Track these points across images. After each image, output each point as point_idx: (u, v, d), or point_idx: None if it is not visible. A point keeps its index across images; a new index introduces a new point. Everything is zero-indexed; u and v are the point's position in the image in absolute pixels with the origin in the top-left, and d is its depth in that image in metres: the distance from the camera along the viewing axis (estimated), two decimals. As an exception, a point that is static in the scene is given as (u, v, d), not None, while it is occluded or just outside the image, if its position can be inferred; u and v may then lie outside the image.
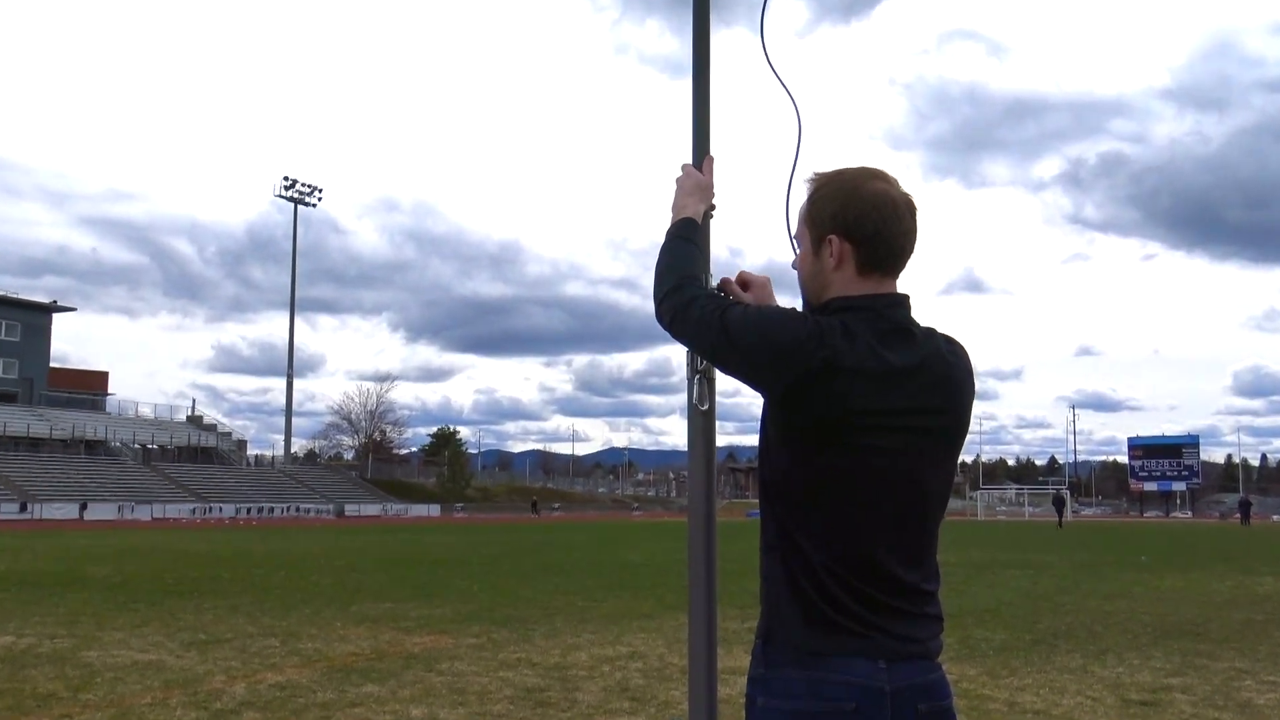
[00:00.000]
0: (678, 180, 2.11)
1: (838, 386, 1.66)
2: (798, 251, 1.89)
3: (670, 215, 2.06)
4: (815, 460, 1.68)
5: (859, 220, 1.76)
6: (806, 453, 1.69)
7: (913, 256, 1.82)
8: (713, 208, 2.12)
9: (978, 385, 1.88)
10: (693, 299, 1.83)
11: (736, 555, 21.86)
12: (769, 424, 1.75)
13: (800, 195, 1.88)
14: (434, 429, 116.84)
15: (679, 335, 1.86)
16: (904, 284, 1.83)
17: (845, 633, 1.66)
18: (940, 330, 1.84)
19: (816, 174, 1.85)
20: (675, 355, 2.06)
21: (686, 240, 1.99)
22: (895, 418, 1.69)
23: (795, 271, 1.94)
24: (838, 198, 1.78)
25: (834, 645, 1.66)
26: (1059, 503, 55.82)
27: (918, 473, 1.73)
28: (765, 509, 1.78)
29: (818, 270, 1.82)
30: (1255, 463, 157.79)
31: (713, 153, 2.17)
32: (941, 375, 1.77)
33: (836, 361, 1.66)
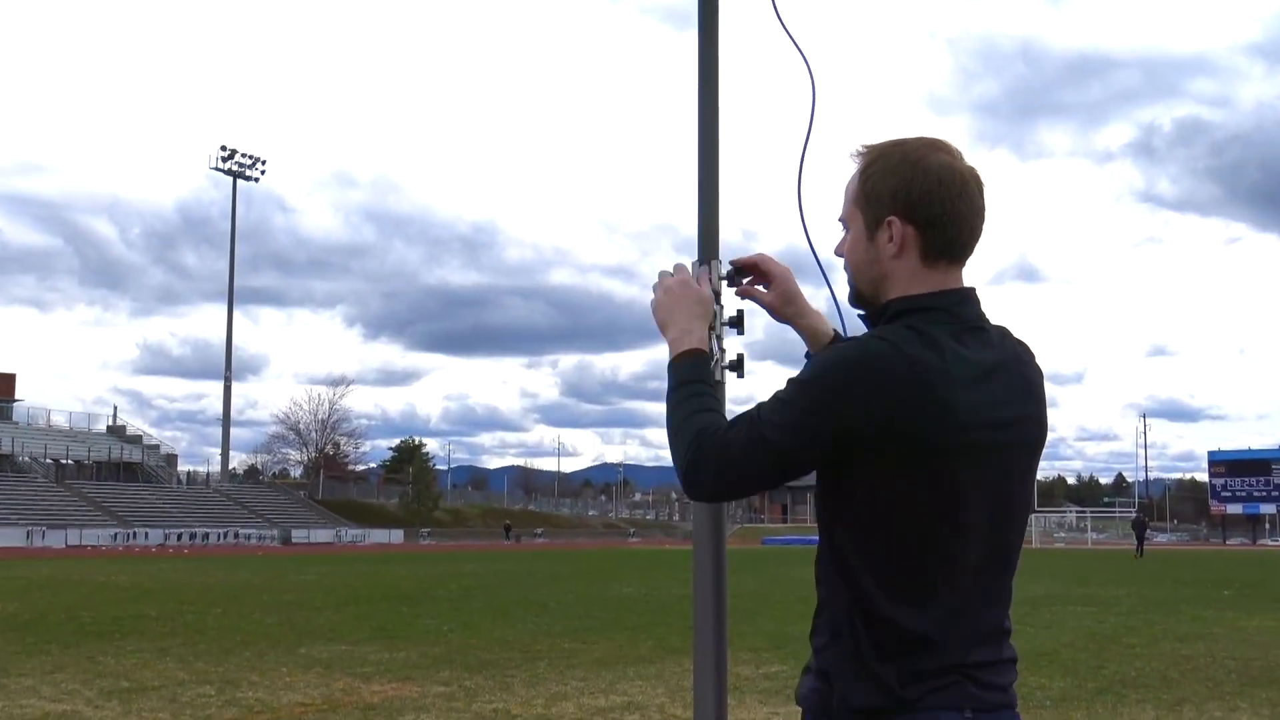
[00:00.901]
0: (667, 288, 1.98)
1: (929, 406, 1.65)
2: (845, 235, 1.88)
3: (666, 339, 1.93)
4: (902, 490, 1.68)
5: (924, 199, 1.75)
6: (892, 482, 1.68)
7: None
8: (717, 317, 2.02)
9: None
10: (725, 443, 1.72)
11: (750, 590, 21.87)
12: (839, 455, 1.72)
13: (845, 171, 1.88)
14: (396, 441, 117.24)
15: (736, 489, 1.75)
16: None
17: (927, 683, 1.67)
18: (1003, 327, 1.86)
19: (867, 147, 1.84)
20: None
21: (700, 387, 1.84)
22: (987, 432, 1.70)
23: (825, 260, 1.93)
24: (898, 173, 1.77)
25: (912, 697, 1.66)
26: (1140, 528, 56.12)
27: (1006, 492, 1.75)
28: (828, 547, 1.76)
29: (874, 258, 1.81)
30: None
31: (723, 131, 2.16)
32: (1024, 379, 1.80)
33: (927, 378, 1.65)
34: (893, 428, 1.64)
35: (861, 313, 1.89)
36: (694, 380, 1.84)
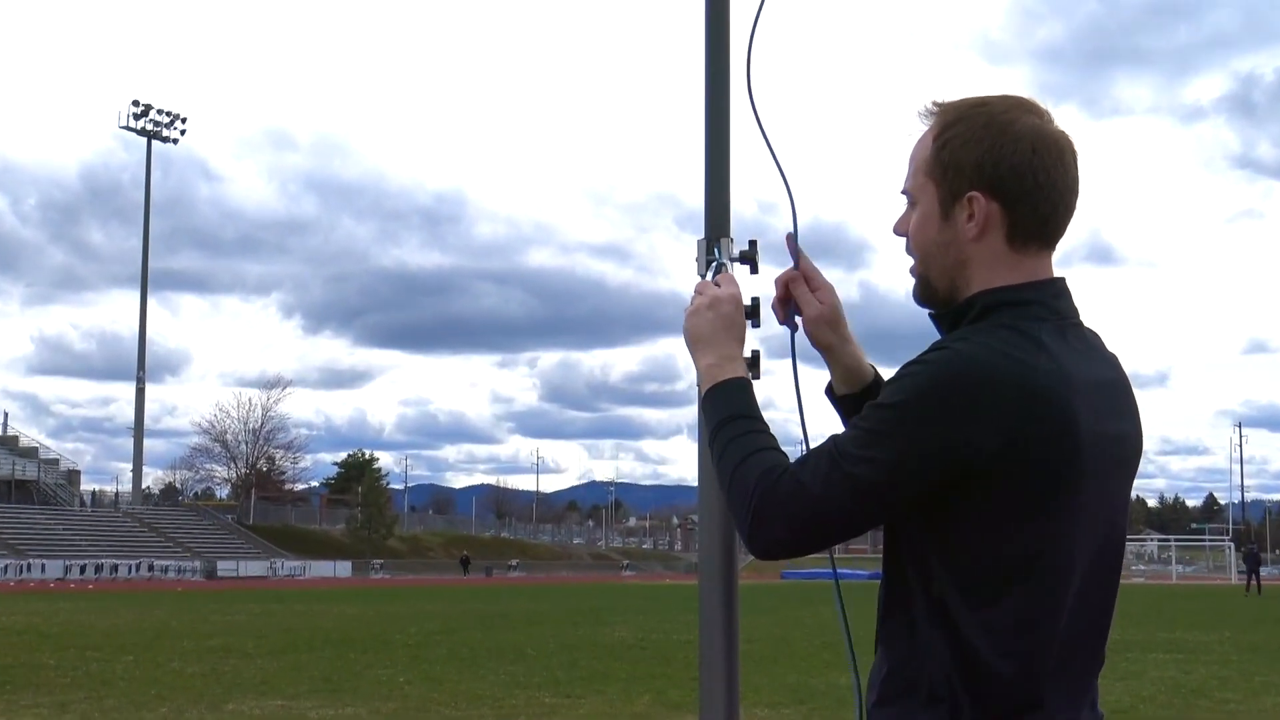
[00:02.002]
0: (715, 300, 1.97)
1: (1050, 421, 1.65)
2: (908, 210, 1.87)
3: (699, 363, 1.93)
4: (1019, 523, 1.66)
5: (1014, 172, 1.74)
6: (1007, 515, 1.66)
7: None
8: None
9: None
10: (798, 486, 1.69)
11: (766, 633, 21.88)
12: (944, 488, 1.69)
13: (908, 130, 1.86)
14: (343, 455, 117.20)
15: (816, 540, 1.72)
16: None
17: None
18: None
19: (940, 105, 1.82)
20: (681, 352, 2.02)
21: (752, 422, 1.83)
22: (1103, 448, 1.71)
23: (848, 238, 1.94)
24: (984, 140, 1.75)
25: None
26: (1253, 560, 56.52)
27: (1110, 521, 1.77)
28: (923, 598, 1.72)
29: (949, 240, 1.79)
30: None
31: (733, 73, 2.15)
32: (1125, 387, 1.82)
33: (1046, 387, 1.64)
34: (1011, 451, 1.62)
35: (931, 311, 1.85)
36: (743, 415, 1.82)
